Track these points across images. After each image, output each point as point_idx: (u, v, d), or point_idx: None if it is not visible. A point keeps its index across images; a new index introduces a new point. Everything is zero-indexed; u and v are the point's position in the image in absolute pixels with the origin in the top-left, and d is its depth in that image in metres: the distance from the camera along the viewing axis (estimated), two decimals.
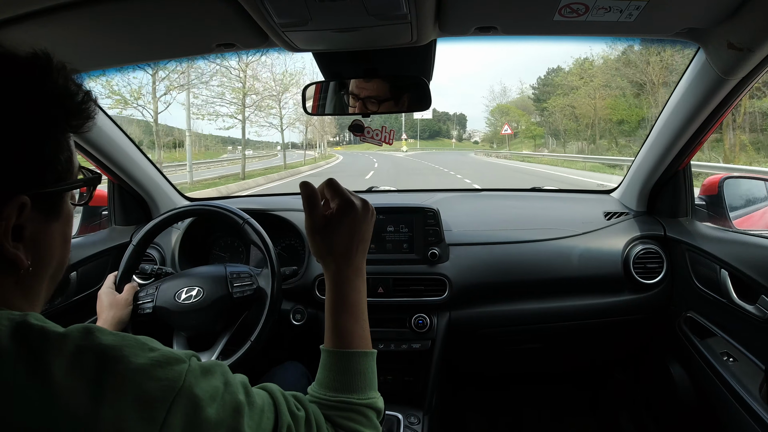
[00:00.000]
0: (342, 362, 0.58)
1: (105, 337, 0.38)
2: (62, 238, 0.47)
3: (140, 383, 0.36)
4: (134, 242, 1.10)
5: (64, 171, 0.45)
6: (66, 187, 0.46)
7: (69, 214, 0.48)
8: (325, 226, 0.62)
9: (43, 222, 0.44)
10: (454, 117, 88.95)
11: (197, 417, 0.38)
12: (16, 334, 0.36)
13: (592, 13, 0.80)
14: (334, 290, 0.62)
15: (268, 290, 1.05)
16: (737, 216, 1.47)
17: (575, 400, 1.83)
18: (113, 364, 0.36)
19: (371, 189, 1.92)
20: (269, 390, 0.50)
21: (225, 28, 0.86)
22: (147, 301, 1.04)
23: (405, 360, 1.30)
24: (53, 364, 0.35)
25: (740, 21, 0.81)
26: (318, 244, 0.62)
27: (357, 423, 0.55)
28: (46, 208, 0.44)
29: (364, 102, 1.09)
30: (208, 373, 0.42)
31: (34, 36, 0.84)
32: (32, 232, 0.42)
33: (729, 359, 1.10)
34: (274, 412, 0.47)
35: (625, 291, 1.36)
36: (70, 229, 0.49)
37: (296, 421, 0.48)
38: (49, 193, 0.43)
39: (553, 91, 32.37)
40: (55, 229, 0.46)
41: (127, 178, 1.45)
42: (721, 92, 1.01)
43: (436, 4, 0.77)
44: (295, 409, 0.50)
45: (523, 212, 1.57)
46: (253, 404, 0.45)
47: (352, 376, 0.58)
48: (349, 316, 0.61)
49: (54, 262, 0.47)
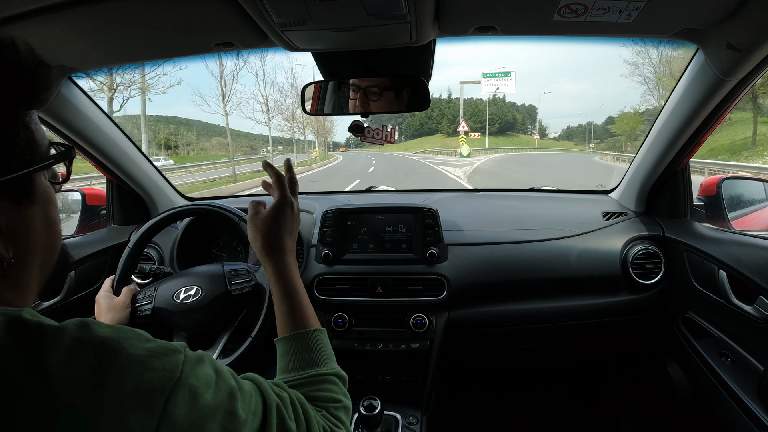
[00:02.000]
0: (302, 342, 0.63)
1: (101, 329, 0.38)
2: (44, 221, 0.45)
3: (139, 374, 0.37)
4: (131, 244, 1.09)
5: (27, 152, 0.41)
6: (32, 169, 0.42)
7: (46, 194, 0.45)
8: (268, 218, 0.72)
9: (16, 210, 0.41)
10: (522, 108, 73.70)
11: (196, 404, 0.39)
12: (11, 329, 0.35)
13: (592, 14, 0.80)
14: (280, 281, 0.69)
15: (266, 286, 1.05)
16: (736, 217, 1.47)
17: (573, 399, 1.83)
18: (112, 356, 0.36)
19: (370, 189, 1.92)
20: (251, 378, 0.53)
21: (224, 27, 0.86)
22: (145, 302, 1.04)
23: (403, 360, 1.30)
24: (50, 358, 0.34)
25: (739, 22, 0.82)
26: (262, 235, 0.71)
27: (332, 392, 0.60)
28: (15, 195, 0.41)
29: (365, 91, 1.08)
30: (201, 361, 0.43)
31: (34, 35, 0.84)
32: (6, 223, 0.40)
33: (727, 359, 1.11)
34: (261, 396, 0.49)
35: (624, 291, 1.36)
36: (52, 210, 0.46)
37: (283, 401, 0.51)
38: (16, 179, 0.40)
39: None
40: (33, 213, 0.43)
41: (126, 177, 1.45)
42: (720, 93, 1.01)
43: (436, 4, 0.77)
44: (279, 392, 0.53)
45: (521, 212, 1.57)
46: (243, 389, 0.46)
47: (314, 351, 0.63)
48: (299, 301, 0.68)
49: (39, 249, 0.44)
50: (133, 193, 1.53)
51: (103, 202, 1.57)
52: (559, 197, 1.76)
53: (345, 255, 1.35)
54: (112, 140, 1.33)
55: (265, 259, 0.71)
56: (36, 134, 0.43)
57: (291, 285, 0.69)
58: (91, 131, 1.26)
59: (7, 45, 0.39)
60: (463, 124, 29.91)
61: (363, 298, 1.30)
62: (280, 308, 0.67)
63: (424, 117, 44.24)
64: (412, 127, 58.17)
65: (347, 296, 1.29)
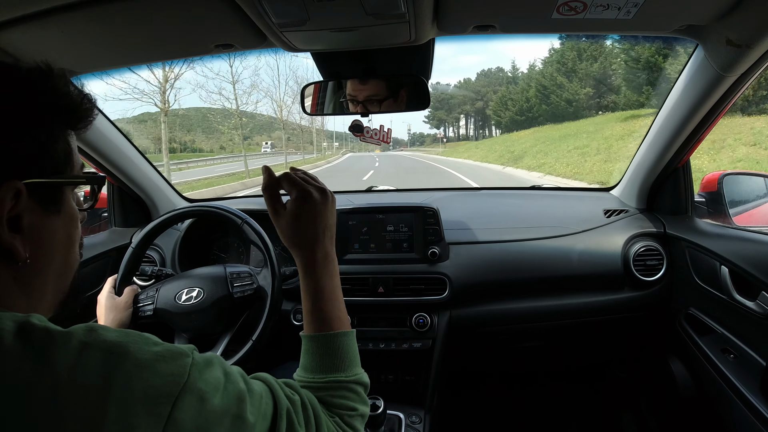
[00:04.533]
0: (325, 345, 0.61)
1: (109, 333, 0.39)
2: (66, 237, 0.47)
3: (147, 378, 0.37)
4: (134, 244, 1.10)
5: (62, 164, 0.45)
6: (64, 180, 0.45)
7: (72, 212, 0.48)
8: (287, 215, 0.65)
9: (41, 214, 0.43)
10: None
11: (203, 409, 0.39)
12: (20, 334, 0.36)
13: (590, 11, 0.80)
14: (306, 277, 0.65)
15: (268, 289, 1.05)
16: (737, 213, 1.47)
17: (576, 397, 1.83)
18: (120, 360, 0.37)
19: (371, 188, 1.92)
20: (263, 378, 0.52)
21: (223, 28, 0.86)
22: (147, 303, 1.04)
23: (406, 359, 1.30)
24: (59, 362, 0.35)
25: (739, 17, 0.81)
26: (284, 232, 0.66)
27: (349, 400, 0.58)
28: (44, 200, 0.43)
29: (365, 104, 1.09)
30: (210, 364, 0.43)
31: (34, 37, 0.84)
32: (30, 224, 0.42)
33: (729, 355, 1.11)
34: (272, 398, 0.49)
35: (626, 288, 1.36)
36: (75, 230, 0.49)
37: (293, 405, 0.50)
38: (47, 184, 0.43)
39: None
40: (57, 224, 0.45)
41: (127, 179, 1.46)
42: (720, 89, 1.01)
43: (434, 3, 0.77)
44: (290, 394, 0.52)
45: (522, 210, 1.57)
46: (253, 391, 0.46)
47: (336, 356, 0.60)
48: (325, 301, 0.64)
49: (56, 261, 0.46)
50: (134, 196, 1.53)
51: (104, 204, 1.57)
52: (560, 195, 1.76)
53: (346, 255, 1.35)
54: (113, 143, 1.34)
55: (294, 253, 0.67)
56: (74, 153, 0.47)
57: (315, 282, 0.64)
58: (92, 134, 1.26)
59: (61, 76, 0.44)
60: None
61: (365, 297, 1.30)
62: (304, 305, 0.64)
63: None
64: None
65: (349, 296, 1.28)
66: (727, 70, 0.94)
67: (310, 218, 0.65)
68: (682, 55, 1.35)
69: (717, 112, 1.10)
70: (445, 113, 71.91)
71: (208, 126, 50.70)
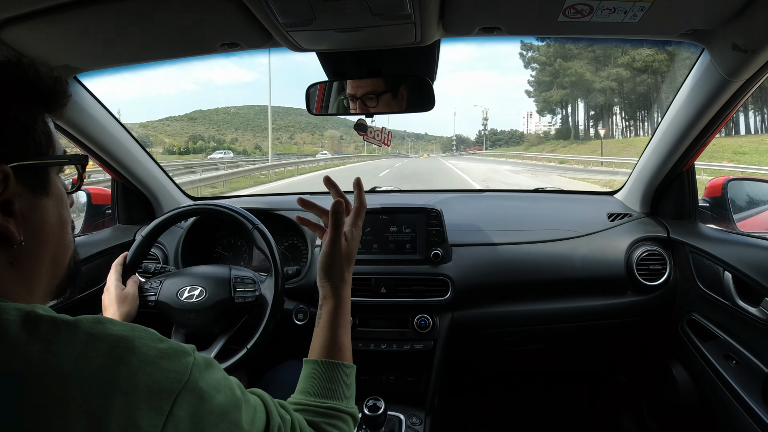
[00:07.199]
0: (332, 372, 0.63)
1: (115, 327, 0.39)
2: (58, 218, 0.47)
3: (150, 373, 0.37)
4: (143, 233, 1.11)
5: (45, 146, 0.45)
6: (49, 161, 0.46)
7: (60, 193, 0.48)
8: (324, 251, 0.71)
9: (32, 197, 0.44)
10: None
11: (202, 408, 0.40)
12: (26, 324, 0.36)
13: (597, 14, 0.80)
14: (335, 306, 0.70)
15: (269, 299, 1.05)
16: (741, 218, 1.47)
17: (577, 401, 1.83)
18: (125, 354, 0.37)
19: (374, 189, 1.92)
20: (258, 394, 0.53)
21: (229, 27, 0.86)
22: (150, 294, 1.06)
23: (407, 360, 1.30)
24: (65, 353, 0.35)
25: (745, 22, 0.81)
26: (335, 264, 0.71)
27: (340, 429, 0.60)
28: (32, 183, 0.44)
29: (363, 100, 1.09)
30: (210, 366, 0.44)
31: (41, 34, 0.84)
32: (22, 207, 0.43)
33: (731, 361, 1.10)
34: (266, 413, 0.50)
35: (628, 292, 1.35)
36: (66, 211, 0.49)
37: (284, 424, 0.52)
38: (32, 166, 0.44)
39: None
40: (48, 206, 0.46)
41: (131, 177, 1.46)
42: (726, 94, 1.01)
43: (440, 5, 0.77)
44: (284, 413, 0.53)
45: (526, 213, 1.56)
46: (248, 402, 0.47)
47: (342, 385, 0.63)
48: (345, 331, 0.69)
49: (51, 243, 0.46)
50: (138, 193, 1.54)
51: (109, 201, 1.58)
52: (564, 198, 1.75)
53: None
54: (118, 140, 1.34)
55: (321, 283, 0.72)
56: (53, 134, 0.48)
57: (340, 315, 0.69)
58: (97, 131, 1.26)
59: (30, 66, 0.45)
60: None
61: (367, 298, 1.30)
62: (322, 333, 0.68)
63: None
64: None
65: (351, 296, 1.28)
66: (733, 75, 0.94)
67: (340, 256, 0.72)
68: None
69: (722, 117, 1.09)
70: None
71: (258, 124, 50.55)
